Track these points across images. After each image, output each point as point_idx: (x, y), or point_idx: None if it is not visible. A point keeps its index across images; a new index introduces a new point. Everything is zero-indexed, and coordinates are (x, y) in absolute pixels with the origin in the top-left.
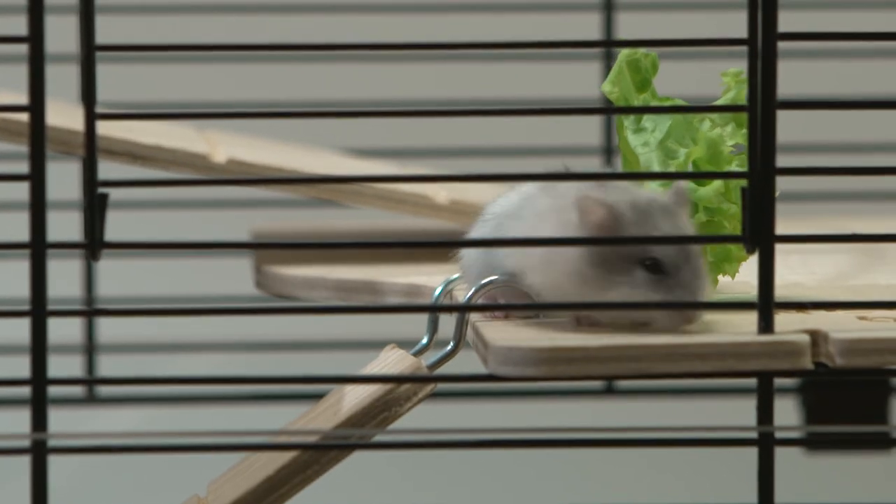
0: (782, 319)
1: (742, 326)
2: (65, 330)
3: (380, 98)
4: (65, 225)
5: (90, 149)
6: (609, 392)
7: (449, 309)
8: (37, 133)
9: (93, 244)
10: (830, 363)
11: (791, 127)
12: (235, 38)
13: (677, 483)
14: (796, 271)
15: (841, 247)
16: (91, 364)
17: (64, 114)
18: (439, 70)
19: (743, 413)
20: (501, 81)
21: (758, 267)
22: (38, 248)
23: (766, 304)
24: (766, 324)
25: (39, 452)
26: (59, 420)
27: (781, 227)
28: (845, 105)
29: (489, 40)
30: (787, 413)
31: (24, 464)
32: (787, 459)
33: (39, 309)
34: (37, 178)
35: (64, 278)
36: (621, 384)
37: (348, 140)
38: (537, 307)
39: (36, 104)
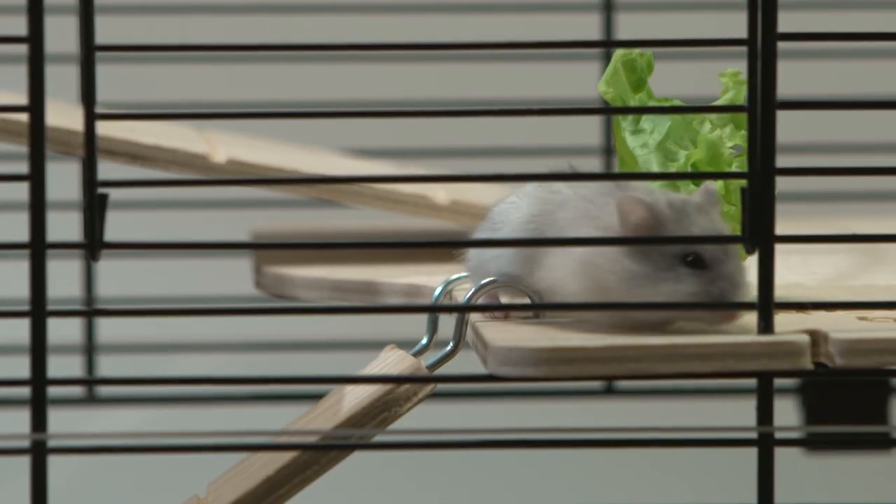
0: (782, 319)
1: (742, 327)
2: (64, 330)
3: (380, 98)
4: (65, 225)
5: (90, 149)
6: (609, 392)
7: (449, 309)
8: (36, 133)
9: (92, 244)
10: (830, 363)
11: (791, 127)
12: (235, 39)
13: (677, 483)
14: (796, 271)
15: (841, 247)
16: (91, 364)
17: (64, 114)
18: (439, 70)
19: (743, 413)
20: (501, 81)
21: (758, 267)
22: (38, 249)
23: (766, 305)
24: (766, 324)
25: (39, 453)
26: (59, 420)
27: (781, 227)
28: (845, 105)
29: (489, 40)
30: (787, 413)
31: (24, 464)
32: (787, 460)
33: (39, 309)
34: (37, 179)
35: (64, 278)
36: (621, 384)
37: (348, 140)
38: (537, 307)
39: (36, 104)
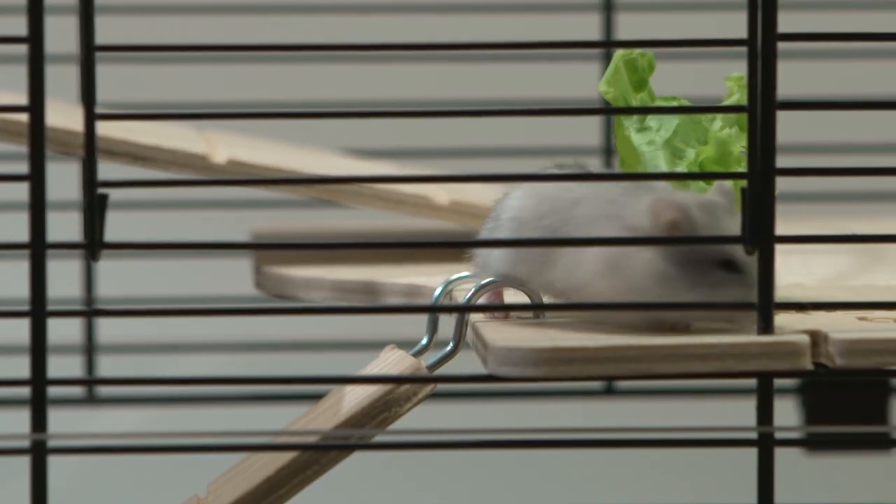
0: (782, 320)
1: (745, 327)
2: (64, 330)
3: (379, 98)
4: (65, 225)
5: (90, 149)
6: (609, 393)
7: (449, 309)
8: (36, 133)
9: (92, 244)
10: (830, 364)
11: (791, 127)
12: (235, 39)
13: (677, 483)
14: (796, 272)
15: (841, 247)
16: (91, 364)
17: (64, 114)
18: (439, 70)
19: (743, 414)
20: (501, 81)
21: (757, 267)
22: (38, 249)
23: (766, 305)
24: (766, 324)
25: (39, 453)
26: (59, 420)
27: (781, 228)
28: (845, 106)
29: (489, 40)
30: (787, 414)
31: (24, 464)
32: (787, 460)
33: (39, 309)
34: (36, 179)
35: (64, 279)
36: (621, 385)
37: (348, 140)
38: (537, 307)
39: (36, 105)
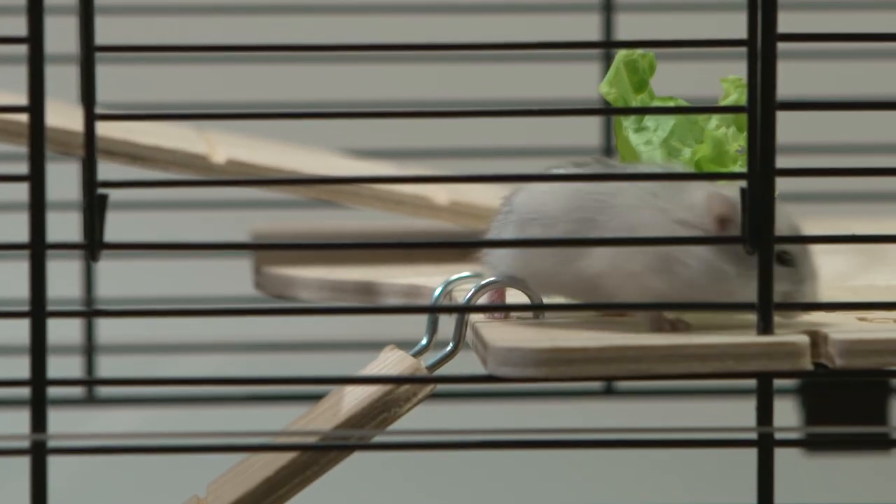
0: (782, 320)
1: (742, 327)
2: (64, 331)
3: (379, 99)
4: (64, 225)
5: (89, 149)
6: (609, 393)
7: (448, 310)
8: (36, 134)
9: (92, 245)
10: (830, 364)
11: (791, 128)
12: (235, 39)
13: (677, 484)
14: None
15: (840, 247)
16: (91, 365)
17: (63, 114)
18: (439, 71)
19: (742, 414)
20: (501, 82)
21: (757, 268)
22: (38, 249)
23: (766, 305)
24: (766, 325)
25: (39, 453)
26: (59, 421)
27: None
28: (845, 106)
29: (489, 41)
30: (787, 414)
31: (24, 464)
32: (787, 460)
33: (39, 310)
34: (36, 179)
35: (63, 279)
36: (621, 385)
37: (348, 141)
38: (537, 307)
39: (35, 105)
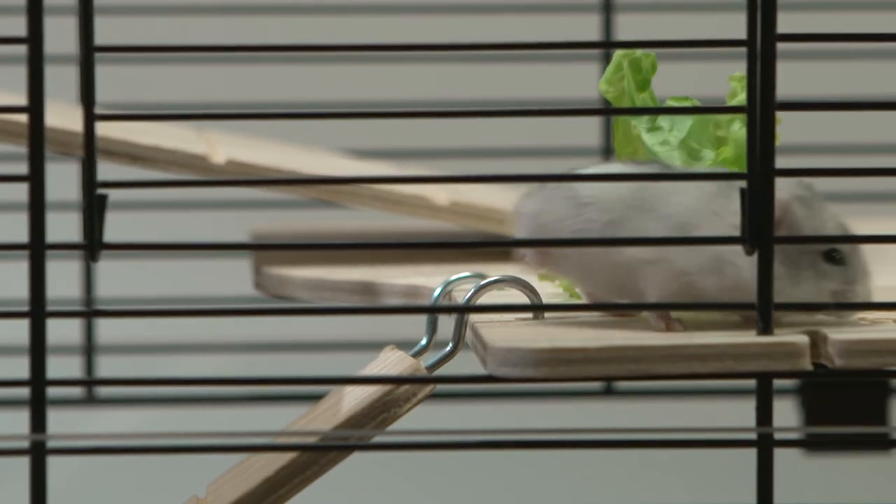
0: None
1: (742, 327)
2: (64, 331)
3: (379, 99)
4: (64, 226)
5: (89, 150)
6: (608, 393)
7: (448, 310)
8: (36, 134)
9: (92, 245)
10: (830, 364)
11: (790, 128)
12: (235, 39)
13: (677, 484)
14: None
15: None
16: (90, 365)
17: (63, 115)
18: (439, 71)
19: (742, 414)
20: (501, 82)
21: (757, 268)
22: (38, 249)
23: (766, 305)
24: (766, 325)
25: (39, 453)
26: (59, 421)
27: None
28: (845, 106)
29: (489, 41)
30: (787, 414)
31: (24, 465)
32: (787, 461)
33: (38, 310)
34: (36, 179)
35: (63, 279)
36: (620, 385)
37: (348, 140)
38: (536, 308)
39: (35, 105)
